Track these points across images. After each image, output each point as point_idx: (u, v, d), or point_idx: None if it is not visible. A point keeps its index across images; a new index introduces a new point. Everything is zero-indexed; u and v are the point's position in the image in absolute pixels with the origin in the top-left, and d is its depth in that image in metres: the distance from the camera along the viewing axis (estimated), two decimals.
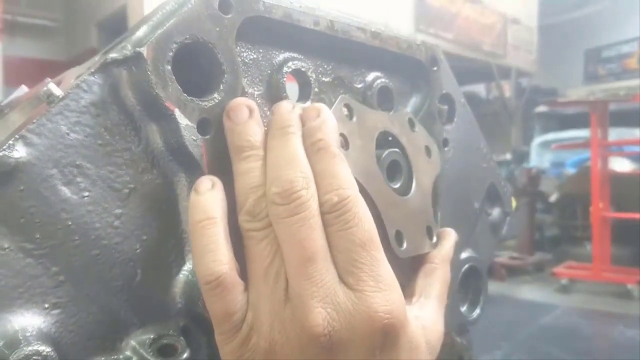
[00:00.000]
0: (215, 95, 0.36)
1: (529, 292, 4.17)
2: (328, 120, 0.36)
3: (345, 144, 0.41)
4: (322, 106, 0.37)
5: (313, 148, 0.35)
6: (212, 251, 0.32)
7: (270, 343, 0.32)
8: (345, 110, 0.42)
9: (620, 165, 4.65)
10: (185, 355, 0.35)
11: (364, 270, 0.32)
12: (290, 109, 0.37)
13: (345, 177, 0.34)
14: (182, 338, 0.36)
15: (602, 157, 4.04)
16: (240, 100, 0.36)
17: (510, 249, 4.77)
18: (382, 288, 0.33)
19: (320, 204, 0.33)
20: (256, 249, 0.33)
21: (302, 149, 0.35)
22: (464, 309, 0.59)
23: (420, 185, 0.47)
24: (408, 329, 0.35)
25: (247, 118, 0.35)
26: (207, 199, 0.33)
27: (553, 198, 4.93)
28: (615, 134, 4.55)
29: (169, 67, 0.34)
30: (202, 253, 0.32)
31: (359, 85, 0.49)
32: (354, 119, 0.42)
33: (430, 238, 0.47)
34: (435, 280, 0.44)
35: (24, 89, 0.59)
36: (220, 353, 0.34)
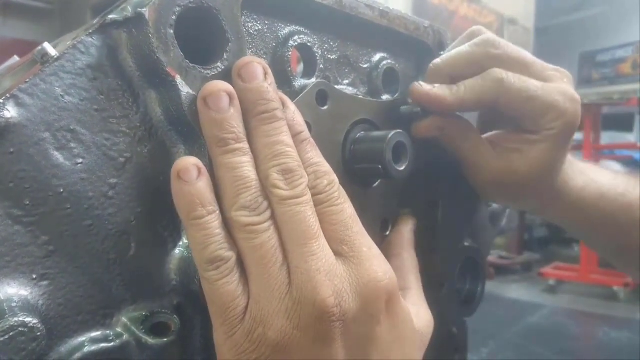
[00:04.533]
0: (219, 64, 0.34)
1: (517, 291, 4.18)
2: (296, 109, 0.36)
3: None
4: (283, 94, 0.36)
5: (296, 140, 0.35)
6: (216, 242, 0.32)
7: (279, 333, 0.31)
8: (316, 98, 0.40)
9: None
10: (178, 335, 0.34)
11: (357, 239, 0.34)
12: (262, 76, 0.34)
13: (327, 164, 0.36)
14: (175, 316, 0.35)
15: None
16: (218, 86, 0.33)
17: (499, 248, 4.79)
18: (375, 254, 0.34)
19: (312, 187, 0.34)
20: (257, 242, 0.32)
21: (291, 137, 0.34)
22: (461, 300, 0.58)
23: None
24: (400, 296, 0.36)
25: (228, 107, 0.33)
26: (200, 188, 0.32)
27: None
28: (607, 138, 4.57)
29: (172, 31, 0.32)
30: (205, 244, 0.31)
31: (365, 66, 0.48)
32: (327, 106, 0.41)
33: (384, 231, 0.47)
34: (407, 271, 0.44)
35: (15, 59, 0.57)
36: (220, 350, 0.32)
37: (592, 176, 0.55)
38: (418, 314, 0.41)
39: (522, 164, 0.48)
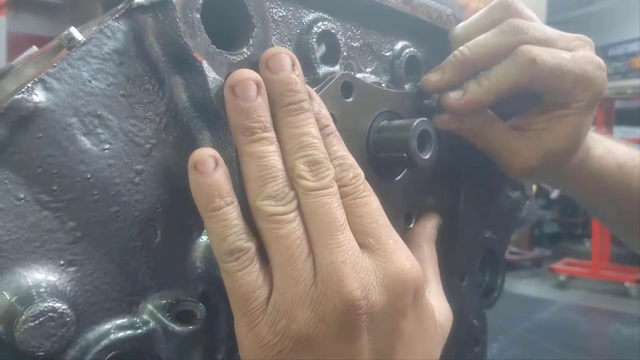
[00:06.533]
0: (245, 49, 0.34)
1: (527, 287, 4.17)
2: (322, 102, 0.36)
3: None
4: (309, 87, 0.36)
5: (322, 133, 0.34)
6: (234, 233, 0.31)
7: (303, 325, 0.30)
8: (341, 89, 0.40)
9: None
10: (203, 322, 0.34)
11: (384, 231, 0.34)
12: (290, 67, 0.34)
13: (352, 158, 0.35)
14: (200, 304, 0.34)
15: None
16: (246, 74, 0.32)
17: (510, 243, 4.77)
18: (401, 247, 0.34)
19: (337, 180, 0.33)
20: (282, 232, 0.31)
21: (318, 129, 0.34)
22: (481, 292, 0.58)
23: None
24: (425, 290, 0.35)
25: (255, 95, 0.32)
26: (217, 180, 0.31)
27: (554, 195, 4.92)
28: (620, 133, 4.53)
29: (198, 16, 0.32)
30: (223, 235, 0.31)
31: (388, 54, 0.47)
32: (351, 98, 0.41)
33: (408, 224, 0.47)
34: (427, 263, 0.44)
35: (34, 49, 0.57)
36: (242, 343, 0.32)
37: (609, 146, 0.55)
38: (439, 307, 0.40)
39: (554, 142, 0.47)
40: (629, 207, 0.56)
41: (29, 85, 0.28)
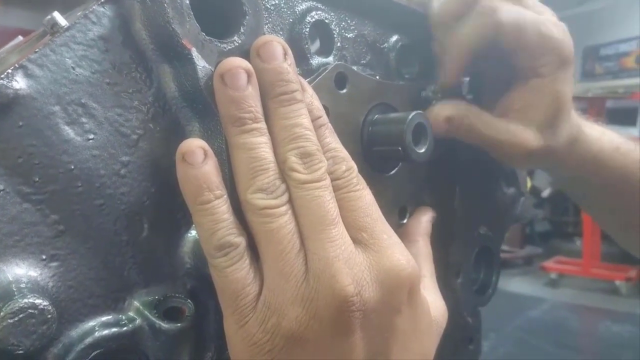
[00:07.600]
0: (235, 37, 0.33)
1: (518, 284, 4.18)
2: (314, 93, 0.35)
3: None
4: (301, 78, 0.35)
5: (314, 125, 0.33)
6: (224, 227, 0.30)
7: (294, 322, 0.29)
8: (334, 80, 0.39)
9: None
10: (192, 319, 0.33)
11: (377, 226, 0.33)
12: (282, 56, 0.33)
13: (345, 151, 0.34)
14: (189, 301, 0.33)
15: None
16: (236, 62, 0.31)
17: None
18: (395, 241, 0.33)
19: (330, 173, 0.33)
20: (273, 226, 0.30)
21: (310, 120, 0.33)
22: (475, 289, 0.57)
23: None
24: (420, 286, 0.34)
25: (246, 85, 0.31)
26: (206, 172, 0.30)
27: (545, 193, 4.94)
28: None
29: (188, 2, 0.31)
30: (212, 230, 0.30)
31: (383, 46, 0.46)
32: (345, 89, 0.40)
33: (402, 219, 0.46)
34: (422, 258, 0.43)
35: (20, 39, 0.56)
36: (231, 342, 0.31)
37: (603, 130, 0.55)
38: (434, 303, 0.40)
39: (540, 115, 0.47)
40: (626, 193, 0.55)
41: (9, 71, 0.27)
